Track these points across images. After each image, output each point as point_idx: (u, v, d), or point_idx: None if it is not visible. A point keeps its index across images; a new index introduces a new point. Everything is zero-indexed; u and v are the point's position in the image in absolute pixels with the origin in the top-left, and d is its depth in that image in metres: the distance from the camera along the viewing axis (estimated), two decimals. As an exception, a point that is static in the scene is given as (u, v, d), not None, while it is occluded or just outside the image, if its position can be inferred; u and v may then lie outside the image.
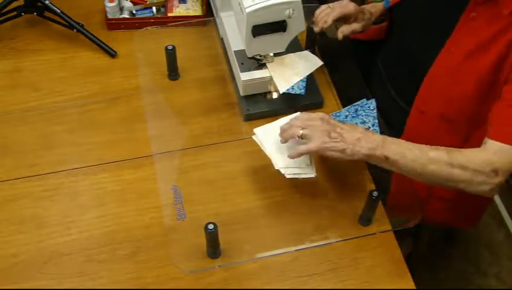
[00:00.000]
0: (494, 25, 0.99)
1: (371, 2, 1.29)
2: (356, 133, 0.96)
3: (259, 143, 1.06)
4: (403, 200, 1.16)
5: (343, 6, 1.19)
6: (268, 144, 1.05)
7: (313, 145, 0.96)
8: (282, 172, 1.02)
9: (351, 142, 0.95)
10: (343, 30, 1.20)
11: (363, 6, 1.26)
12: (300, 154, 1.00)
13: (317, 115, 1.00)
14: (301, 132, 0.98)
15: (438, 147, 0.96)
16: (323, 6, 1.21)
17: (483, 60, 1.00)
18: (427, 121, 1.12)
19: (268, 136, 1.06)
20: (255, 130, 1.08)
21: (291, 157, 1.00)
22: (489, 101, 1.02)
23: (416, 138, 1.00)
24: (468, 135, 1.09)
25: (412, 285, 1.02)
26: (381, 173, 1.17)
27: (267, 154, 1.04)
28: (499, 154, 0.94)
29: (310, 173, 1.03)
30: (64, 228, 1.07)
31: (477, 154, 0.95)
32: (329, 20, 1.18)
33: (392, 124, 1.19)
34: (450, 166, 0.94)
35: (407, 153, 0.95)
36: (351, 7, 1.19)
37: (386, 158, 0.95)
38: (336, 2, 1.22)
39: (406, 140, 0.99)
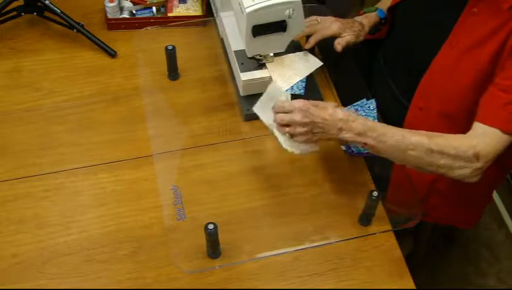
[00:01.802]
0: (494, 19, 0.99)
1: (364, 12, 1.29)
2: (338, 122, 0.97)
3: (257, 113, 1.06)
4: (402, 199, 1.16)
5: (326, 28, 1.21)
6: (270, 122, 1.04)
7: (301, 140, 1.00)
8: (290, 151, 1.02)
9: (334, 132, 0.98)
10: (340, 42, 1.21)
11: (355, 18, 1.26)
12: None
13: (295, 115, 0.99)
14: (287, 129, 1.00)
15: (420, 131, 0.97)
16: (311, 18, 1.23)
17: (482, 53, 1.01)
18: (426, 117, 1.12)
19: (266, 112, 1.06)
20: (254, 108, 1.08)
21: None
22: None
23: None
24: (467, 130, 1.10)
25: (412, 285, 1.02)
26: (381, 173, 1.17)
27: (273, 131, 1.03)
28: (482, 137, 0.96)
29: (314, 147, 1.03)
30: (64, 228, 1.07)
31: (460, 140, 0.97)
32: (312, 43, 1.22)
33: (392, 120, 1.19)
34: (430, 152, 0.95)
35: (387, 140, 0.97)
36: (334, 28, 1.21)
37: (365, 144, 0.98)
38: (322, 18, 1.23)
39: None
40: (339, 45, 1.21)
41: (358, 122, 0.97)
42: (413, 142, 0.96)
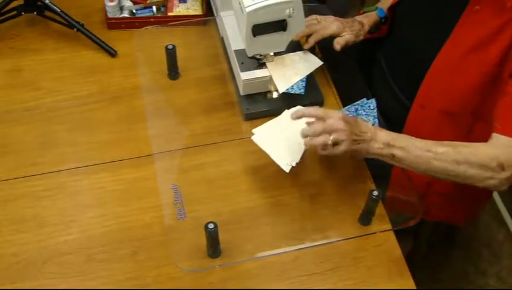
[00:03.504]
0: (499, 17, 0.99)
1: (364, 12, 1.29)
2: (369, 133, 0.99)
3: (259, 144, 1.07)
4: (402, 199, 1.16)
5: (325, 27, 1.21)
6: (268, 147, 1.06)
7: (342, 148, 0.98)
8: (287, 170, 1.04)
9: (366, 143, 0.99)
10: (339, 41, 1.21)
11: (355, 17, 1.26)
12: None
13: (333, 114, 0.99)
14: (331, 138, 0.97)
15: (444, 142, 0.97)
16: (311, 17, 1.22)
17: (487, 53, 1.01)
18: (428, 115, 1.12)
19: (267, 137, 1.07)
20: (254, 130, 1.08)
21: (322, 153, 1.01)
22: (491, 94, 1.03)
23: (417, 133, 1.01)
24: (470, 128, 1.10)
25: (412, 284, 1.02)
26: (381, 172, 1.17)
27: (270, 156, 1.05)
28: (506, 149, 0.96)
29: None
30: (65, 227, 1.07)
31: (483, 149, 0.96)
32: (311, 43, 1.22)
33: (393, 119, 1.19)
34: (456, 163, 0.95)
35: (412, 150, 0.97)
36: (334, 28, 1.20)
37: (393, 157, 0.98)
38: (322, 17, 1.23)
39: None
40: (337, 44, 1.21)
41: (383, 132, 0.99)
42: (438, 153, 0.96)
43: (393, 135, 0.99)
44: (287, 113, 1.11)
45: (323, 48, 1.32)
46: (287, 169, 1.04)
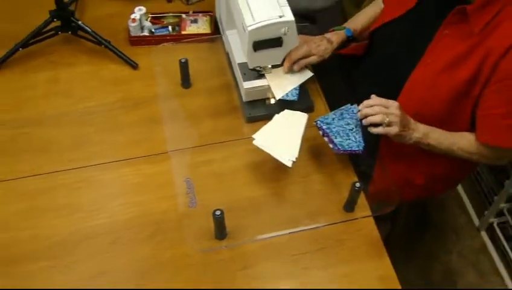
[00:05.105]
0: (467, 41, 0.98)
1: (333, 30, 1.27)
2: (412, 125, 1.03)
3: (261, 147, 1.05)
4: (381, 189, 1.15)
5: (296, 49, 1.16)
6: (270, 148, 1.05)
7: (393, 131, 1.00)
8: (290, 165, 1.03)
9: (410, 132, 1.03)
10: (300, 64, 1.18)
11: (324, 35, 1.23)
12: (379, 133, 1.01)
13: (393, 103, 1.00)
14: (387, 119, 0.99)
15: (464, 135, 1.06)
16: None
17: (457, 72, 1.00)
18: None
19: (267, 139, 1.06)
20: (254, 136, 1.07)
21: (372, 132, 1.01)
22: (459, 106, 1.03)
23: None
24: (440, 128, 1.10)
25: (388, 263, 1.01)
26: (363, 167, 1.16)
27: (273, 155, 1.04)
28: (481, 149, 1.03)
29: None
30: (94, 213, 1.06)
31: (472, 144, 1.06)
32: (286, 67, 1.18)
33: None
34: (470, 154, 1.07)
35: (444, 142, 1.06)
36: (303, 50, 1.16)
37: (428, 144, 1.05)
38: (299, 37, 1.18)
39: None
40: (297, 66, 1.18)
41: (422, 125, 1.04)
42: (460, 147, 1.06)
43: (428, 128, 1.05)
44: (278, 117, 1.10)
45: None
46: (289, 164, 1.03)
